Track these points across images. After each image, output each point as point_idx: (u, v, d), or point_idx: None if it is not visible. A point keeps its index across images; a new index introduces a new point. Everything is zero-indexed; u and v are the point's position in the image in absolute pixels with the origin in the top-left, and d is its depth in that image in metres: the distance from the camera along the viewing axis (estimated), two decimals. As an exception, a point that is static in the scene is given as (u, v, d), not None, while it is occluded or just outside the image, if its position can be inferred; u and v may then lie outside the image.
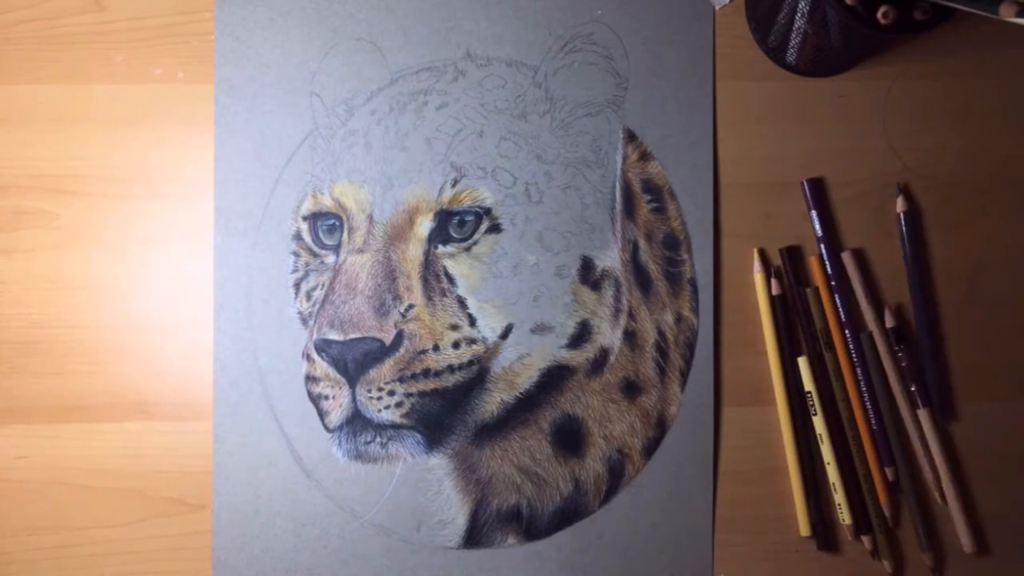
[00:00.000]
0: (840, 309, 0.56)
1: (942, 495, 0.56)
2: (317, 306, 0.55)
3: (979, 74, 0.58)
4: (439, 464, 0.55)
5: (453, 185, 0.56)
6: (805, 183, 0.56)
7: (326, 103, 0.56)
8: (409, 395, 0.55)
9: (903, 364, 0.56)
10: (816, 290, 0.56)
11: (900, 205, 0.56)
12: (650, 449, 0.56)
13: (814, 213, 0.56)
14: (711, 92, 0.57)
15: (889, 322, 0.56)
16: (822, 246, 0.56)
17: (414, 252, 0.55)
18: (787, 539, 0.56)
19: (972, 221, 0.57)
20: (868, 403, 0.56)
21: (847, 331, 0.56)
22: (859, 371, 0.56)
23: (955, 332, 0.57)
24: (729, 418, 0.56)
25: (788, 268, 0.56)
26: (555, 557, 0.55)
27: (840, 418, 0.56)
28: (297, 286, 0.56)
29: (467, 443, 0.55)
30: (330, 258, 0.56)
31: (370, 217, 0.55)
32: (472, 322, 0.55)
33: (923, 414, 0.56)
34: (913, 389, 0.56)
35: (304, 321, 0.55)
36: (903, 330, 0.56)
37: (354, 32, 0.57)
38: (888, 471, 0.55)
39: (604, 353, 0.56)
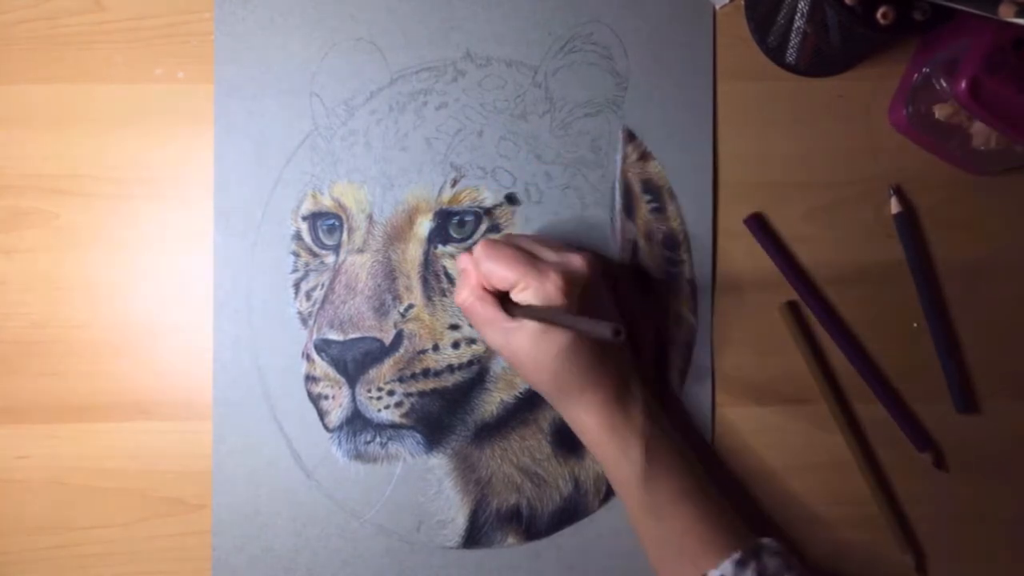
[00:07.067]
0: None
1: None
2: (317, 306, 0.55)
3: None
4: (439, 464, 0.55)
5: (453, 185, 0.56)
6: (747, 223, 0.56)
7: (326, 103, 0.56)
8: (409, 395, 0.55)
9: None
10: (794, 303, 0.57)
11: (894, 207, 0.56)
12: (650, 449, 0.56)
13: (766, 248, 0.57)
14: (711, 92, 0.57)
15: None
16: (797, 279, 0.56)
17: (414, 252, 0.55)
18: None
19: (972, 221, 0.57)
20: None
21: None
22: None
23: (966, 331, 0.57)
24: (726, 418, 0.56)
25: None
26: (555, 557, 0.55)
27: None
28: (297, 286, 0.56)
29: (467, 443, 0.55)
30: (330, 258, 0.56)
31: (370, 217, 0.55)
32: (472, 322, 0.55)
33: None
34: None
35: (304, 321, 0.55)
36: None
37: (354, 32, 0.57)
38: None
39: (604, 353, 0.56)
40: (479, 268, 0.49)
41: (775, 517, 0.56)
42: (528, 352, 0.48)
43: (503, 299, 0.49)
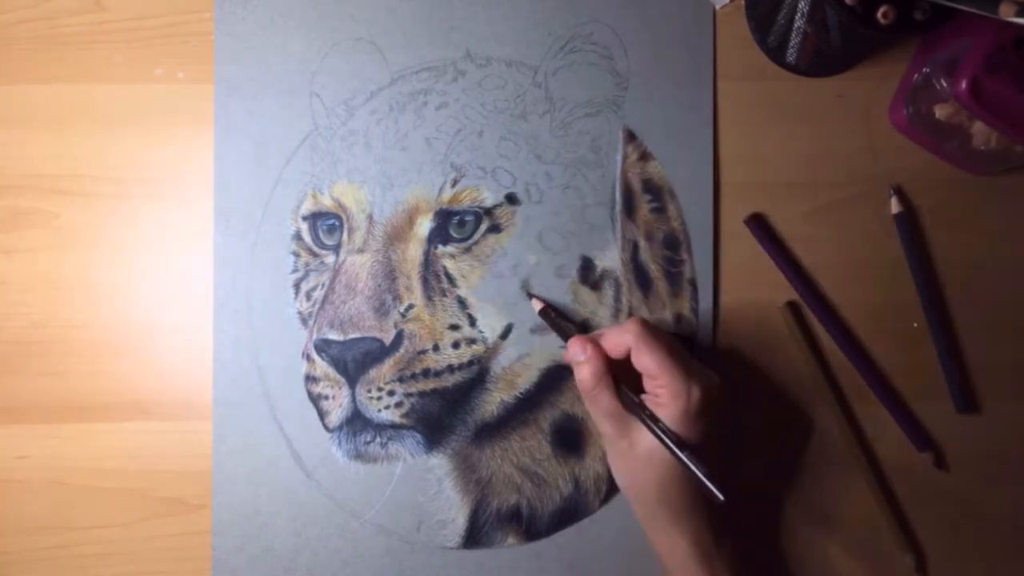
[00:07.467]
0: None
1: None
2: (317, 306, 0.55)
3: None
4: (439, 464, 0.55)
5: (453, 185, 0.56)
6: (747, 223, 0.57)
7: (326, 103, 0.56)
8: (409, 395, 0.55)
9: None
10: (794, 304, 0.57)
11: (894, 206, 0.56)
12: (650, 449, 0.56)
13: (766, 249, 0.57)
14: (711, 92, 0.57)
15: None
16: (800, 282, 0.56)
17: (414, 252, 0.55)
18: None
19: (972, 221, 0.57)
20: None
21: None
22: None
23: (966, 331, 0.57)
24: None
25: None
26: (555, 557, 0.55)
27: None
28: (297, 286, 0.56)
29: (467, 443, 0.55)
30: (330, 258, 0.56)
31: (370, 217, 0.55)
32: (472, 322, 0.55)
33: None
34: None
35: (304, 321, 0.55)
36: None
37: (354, 32, 0.57)
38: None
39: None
40: (630, 338, 0.48)
41: (774, 517, 0.56)
42: (649, 454, 0.47)
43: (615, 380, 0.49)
